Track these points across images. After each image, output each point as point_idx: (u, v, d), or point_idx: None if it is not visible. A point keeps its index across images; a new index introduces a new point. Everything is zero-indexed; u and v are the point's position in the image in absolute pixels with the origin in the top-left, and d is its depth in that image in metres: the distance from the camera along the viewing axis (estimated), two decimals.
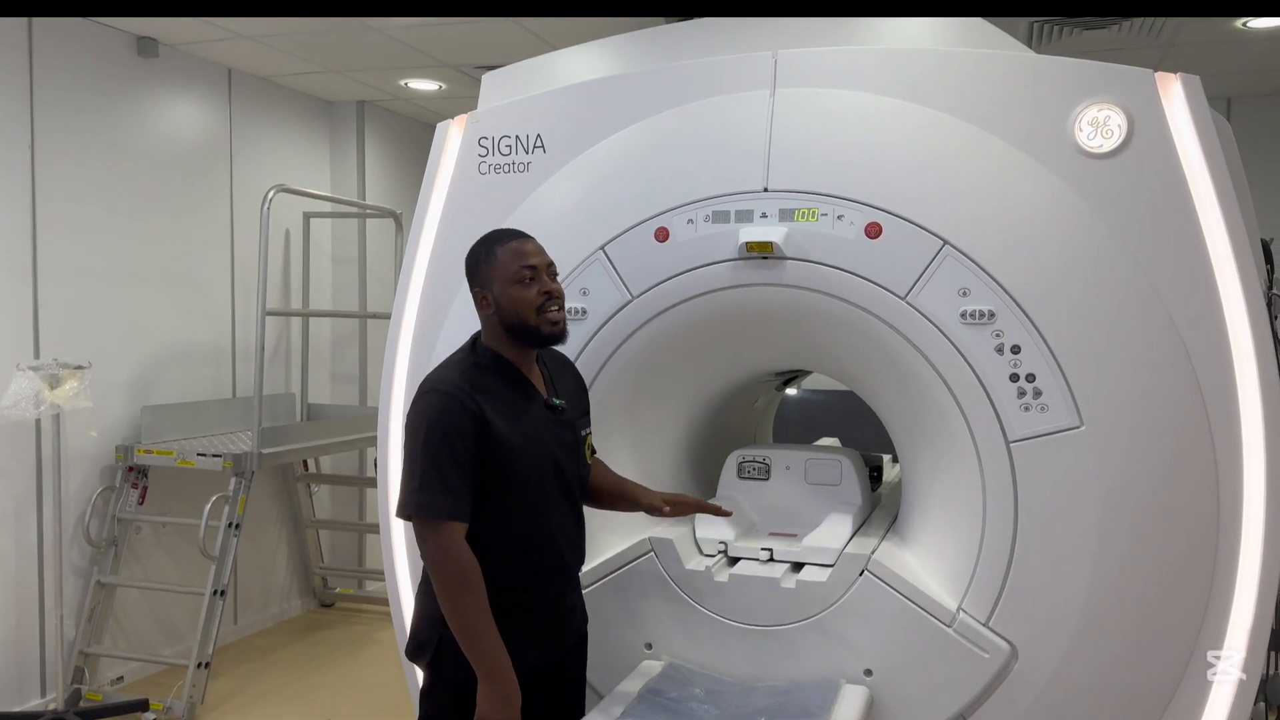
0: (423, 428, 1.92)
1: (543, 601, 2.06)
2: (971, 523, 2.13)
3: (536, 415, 2.04)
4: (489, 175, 2.51)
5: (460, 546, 1.89)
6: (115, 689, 4.16)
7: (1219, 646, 2.03)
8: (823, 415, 4.03)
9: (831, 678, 2.20)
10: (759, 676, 2.26)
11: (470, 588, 1.89)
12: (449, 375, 2.00)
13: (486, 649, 1.89)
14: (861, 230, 2.15)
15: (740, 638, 2.28)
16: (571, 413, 2.14)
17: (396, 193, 5.66)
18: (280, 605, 5.24)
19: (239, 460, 4.07)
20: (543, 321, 2.01)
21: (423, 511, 1.89)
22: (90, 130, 4.13)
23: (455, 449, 1.89)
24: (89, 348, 3.97)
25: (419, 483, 1.89)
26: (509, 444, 1.95)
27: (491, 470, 1.95)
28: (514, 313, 2.00)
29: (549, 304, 2.01)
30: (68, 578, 3.98)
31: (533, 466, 1.99)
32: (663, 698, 2.15)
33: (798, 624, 2.24)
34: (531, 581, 2.03)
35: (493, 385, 2.00)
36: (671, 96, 2.36)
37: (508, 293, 2.00)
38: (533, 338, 2.03)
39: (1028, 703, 2.07)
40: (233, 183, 4.86)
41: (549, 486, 2.04)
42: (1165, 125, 2.03)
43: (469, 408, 1.92)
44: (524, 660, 1.97)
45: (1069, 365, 2.03)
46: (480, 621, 1.89)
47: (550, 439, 2.05)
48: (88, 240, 4.12)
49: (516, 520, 1.99)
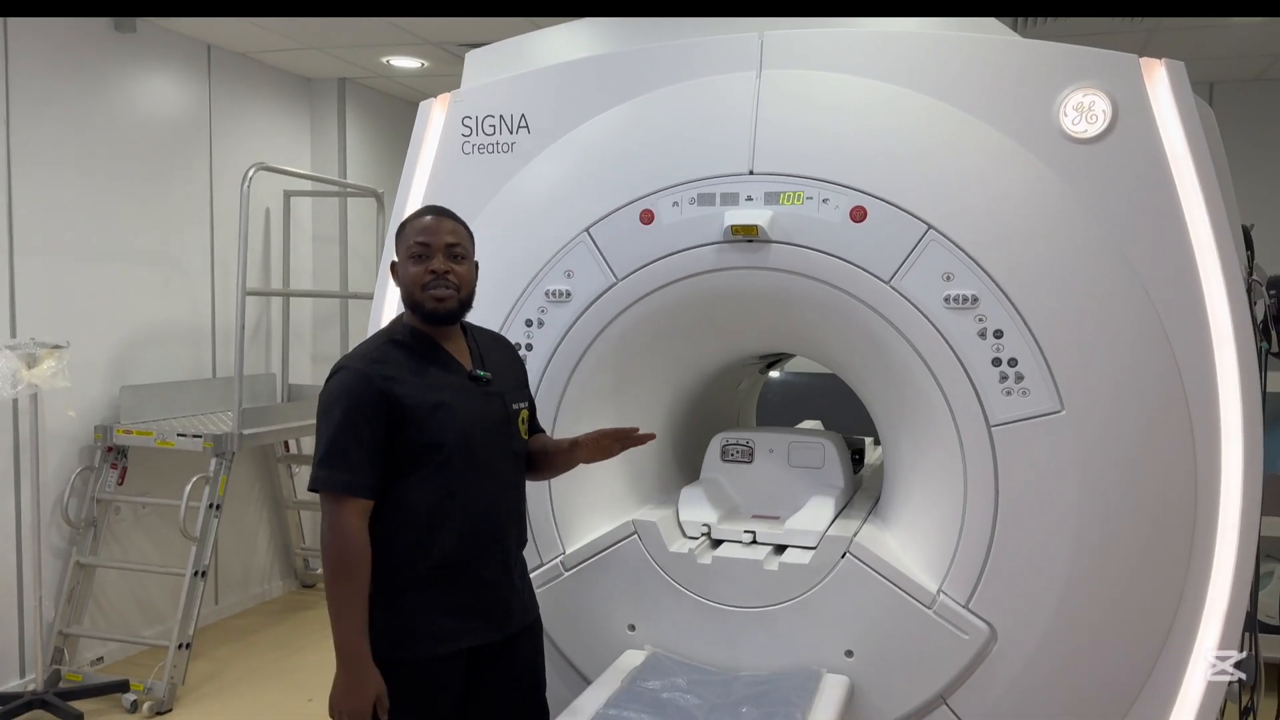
0: (329, 404, 1.95)
1: (475, 580, 2.02)
2: (952, 506, 2.14)
3: (455, 386, 2.03)
4: (472, 155, 2.49)
5: (349, 525, 1.90)
6: (95, 670, 4.15)
7: (1194, 628, 2.05)
8: (806, 399, 4.04)
9: (812, 667, 2.22)
10: (741, 657, 2.28)
11: (344, 569, 1.89)
12: (360, 351, 2.03)
13: (345, 634, 1.89)
14: (846, 214, 2.15)
15: (723, 619, 2.30)
16: (500, 385, 2.10)
17: (378, 172, 5.62)
18: (261, 586, 5.23)
19: (219, 441, 4.04)
20: (426, 298, 2.01)
21: (321, 485, 1.92)
22: (67, 107, 4.07)
23: (358, 425, 1.91)
24: (67, 327, 3.92)
25: (321, 457, 1.93)
26: (420, 415, 1.95)
27: (406, 443, 1.94)
28: (405, 287, 2.04)
29: (434, 282, 2.00)
30: (46, 558, 3.95)
31: (450, 437, 1.97)
32: (645, 688, 2.16)
33: (780, 605, 2.26)
34: (457, 557, 1.99)
35: (405, 359, 2.00)
36: (657, 77, 2.34)
37: (405, 268, 2.04)
38: (420, 313, 2.03)
39: (1006, 683, 2.10)
40: (212, 160, 4.81)
41: (474, 459, 2.00)
42: (1149, 111, 2.04)
43: (374, 383, 1.93)
44: (458, 642, 1.99)
45: (1051, 350, 2.04)
46: (346, 605, 1.89)
47: (474, 410, 2.03)
48: (65, 218, 4.07)
49: (436, 492, 1.97)
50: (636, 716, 2.02)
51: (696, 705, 2.09)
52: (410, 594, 1.97)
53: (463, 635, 2.01)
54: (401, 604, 1.97)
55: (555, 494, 2.41)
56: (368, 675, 1.90)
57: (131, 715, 3.78)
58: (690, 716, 2.04)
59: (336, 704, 1.91)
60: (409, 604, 1.97)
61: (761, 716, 2.02)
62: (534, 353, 2.40)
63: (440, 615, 1.98)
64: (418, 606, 1.98)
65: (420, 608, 1.98)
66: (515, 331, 2.40)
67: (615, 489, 2.51)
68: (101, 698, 3.86)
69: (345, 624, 1.90)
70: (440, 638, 1.99)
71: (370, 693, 1.90)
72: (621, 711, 2.04)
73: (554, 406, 2.40)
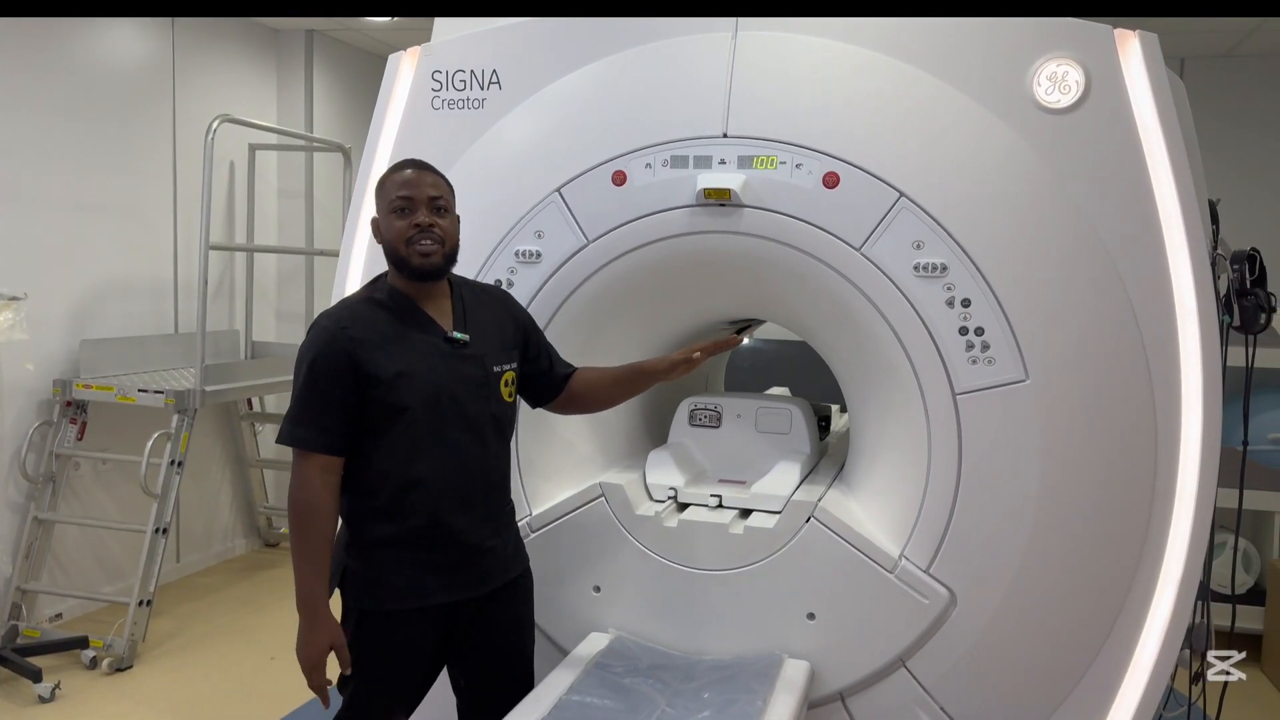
0: (299, 361, 1.97)
1: (447, 540, 2.01)
2: (916, 472, 2.16)
3: (429, 349, 2.01)
4: (442, 111, 2.45)
5: (311, 480, 1.92)
6: (54, 626, 4.11)
7: (1150, 595, 2.09)
8: (774, 365, 4.05)
9: (774, 652, 2.24)
10: (706, 620, 2.30)
11: (306, 523, 1.92)
12: (334, 309, 2.03)
13: (303, 586, 1.92)
14: (819, 180, 2.14)
15: (688, 582, 2.31)
16: (481, 347, 2.07)
17: (345, 126, 5.53)
18: (223, 544, 5.20)
19: (181, 397, 3.99)
20: (411, 253, 1.98)
21: (287, 440, 1.94)
22: (28, 57, 3.96)
23: (322, 382, 1.92)
24: (25, 278, 3.84)
25: (290, 412, 1.96)
26: (386, 378, 1.94)
27: (374, 404, 1.94)
28: (389, 243, 2.01)
29: (419, 236, 1.98)
30: (4, 514, 3.90)
31: (418, 400, 1.96)
32: (609, 672, 2.16)
33: (745, 568, 2.27)
34: (430, 517, 1.99)
35: (378, 318, 1.99)
36: (632, 35, 2.31)
37: (387, 222, 2.01)
38: (405, 269, 2.01)
39: (965, 647, 2.13)
40: (175, 111, 4.70)
41: (444, 422, 1.99)
42: (1122, 83, 2.04)
43: (338, 343, 1.93)
44: (428, 598, 2.01)
45: (1017, 319, 2.05)
46: (306, 558, 1.92)
47: (444, 372, 2.01)
48: (24, 168, 3.97)
49: (405, 453, 1.97)
50: (599, 702, 2.03)
51: (659, 690, 2.10)
52: (387, 549, 1.99)
53: (433, 592, 2.02)
54: (373, 556, 2.00)
55: (522, 456, 2.41)
56: (323, 626, 1.93)
57: (91, 671, 3.76)
58: (652, 702, 2.05)
59: (298, 654, 1.94)
60: (380, 557, 2.00)
61: (723, 702, 2.03)
62: None
63: (410, 570, 2.00)
64: (388, 560, 2.00)
65: (390, 561, 2.00)
66: None
67: (582, 452, 2.51)
68: (60, 654, 3.83)
69: (304, 576, 1.93)
70: (408, 593, 2.00)
71: (324, 643, 1.93)
72: (585, 697, 2.04)
73: None
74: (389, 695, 2.07)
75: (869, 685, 2.21)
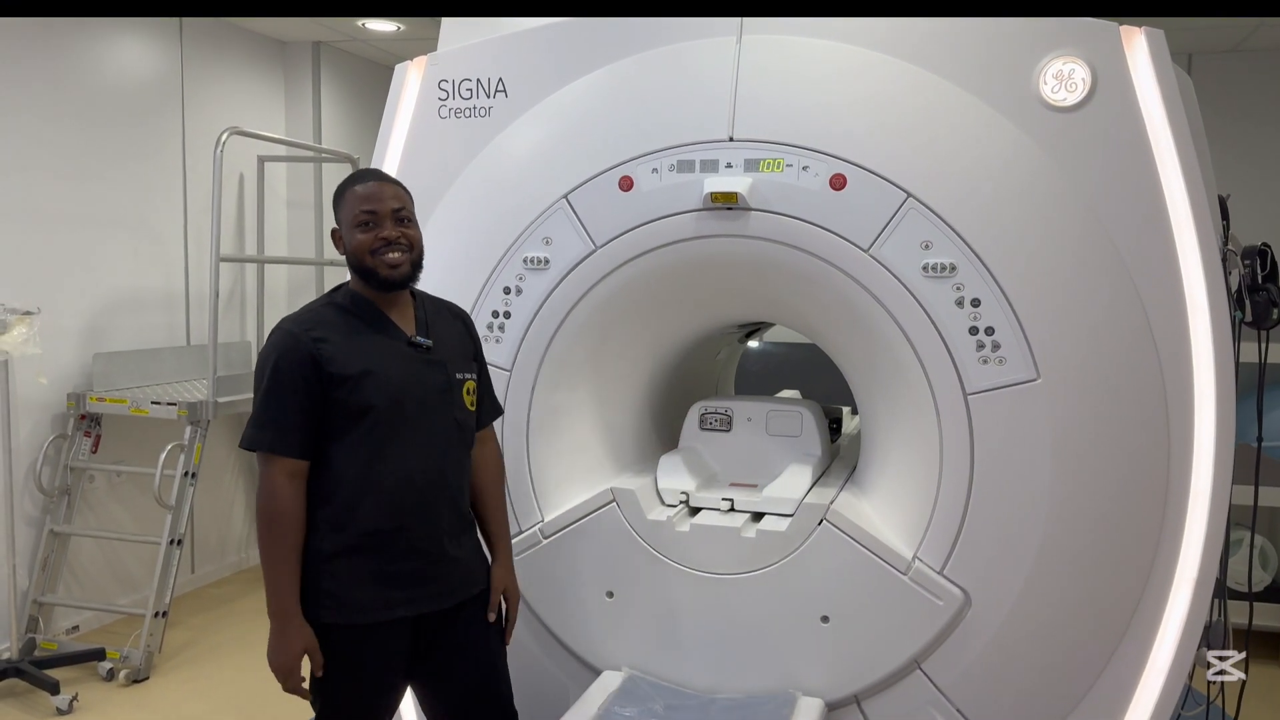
0: (261, 365, 1.97)
1: (408, 550, 1.98)
2: (928, 473, 2.15)
3: (392, 351, 2.01)
4: (449, 119, 2.46)
5: (279, 484, 1.92)
6: (70, 638, 4.13)
7: (1165, 594, 2.08)
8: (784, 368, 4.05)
9: (788, 690, 2.23)
10: (718, 624, 2.29)
11: (274, 527, 1.92)
12: (297, 313, 2.04)
13: (274, 590, 1.93)
14: (826, 181, 2.14)
15: (701, 586, 2.31)
16: (443, 354, 2.08)
17: (354, 137, 5.55)
18: (238, 554, 5.21)
19: (194, 409, 4.01)
20: (379, 264, 2.00)
21: (250, 444, 1.94)
22: (37, 70, 3.99)
23: (285, 385, 1.92)
24: (38, 293, 3.86)
25: (253, 416, 1.95)
26: (349, 377, 1.94)
27: (336, 404, 1.94)
28: (354, 255, 2.02)
29: (386, 249, 1.99)
30: (20, 527, 3.92)
31: (380, 400, 1.96)
32: (622, 715, 2.14)
33: (757, 572, 2.27)
34: (386, 524, 1.96)
35: (342, 322, 2.00)
36: (637, 41, 2.32)
37: (351, 235, 2.02)
38: (373, 280, 2.02)
39: (980, 648, 2.12)
40: (184, 125, 4.73)
41: (406, 424, 1.98)
42: (1128, 79, 2.03)
43: (302, 344, 1.93)
44: (393, 611, 1.98)
45: (1027, 318, 2.04)
46: (278, 562, 1.93)
47: (408, 376, 2.01)
48: (36, 184, 4.00)
49: (365, 456, 1.96)
50: None
51: None
52: (341, 559, 1.96)
53: (397, 605, 1.99)
54: (333, 569, 1.96)
55: (534, 462, 2.41)
56: (295, 632, 1.93)
57: (108, 683, 3.78)
58: None
59: (270, 661, 1.96)
60: (341, 569, 1.96)
61: None
62: (512, 321, 2.38)
63: (372, 583, 1.97)
64: (349, 573, 1.96)
65: (351, 574, 1.96)
66: (493, 299, 2.39)
67: (594, 457, 2.51)
68: (77, 666, 3.85)
69: (272, 582, 1.94)
70: (372, 607, 1.97)
71: (297, 649, 1.93)
72: None
73: (532, 375, 2.38)
74: (355, 713, 2.03)
75: (884, 688, 2.20)
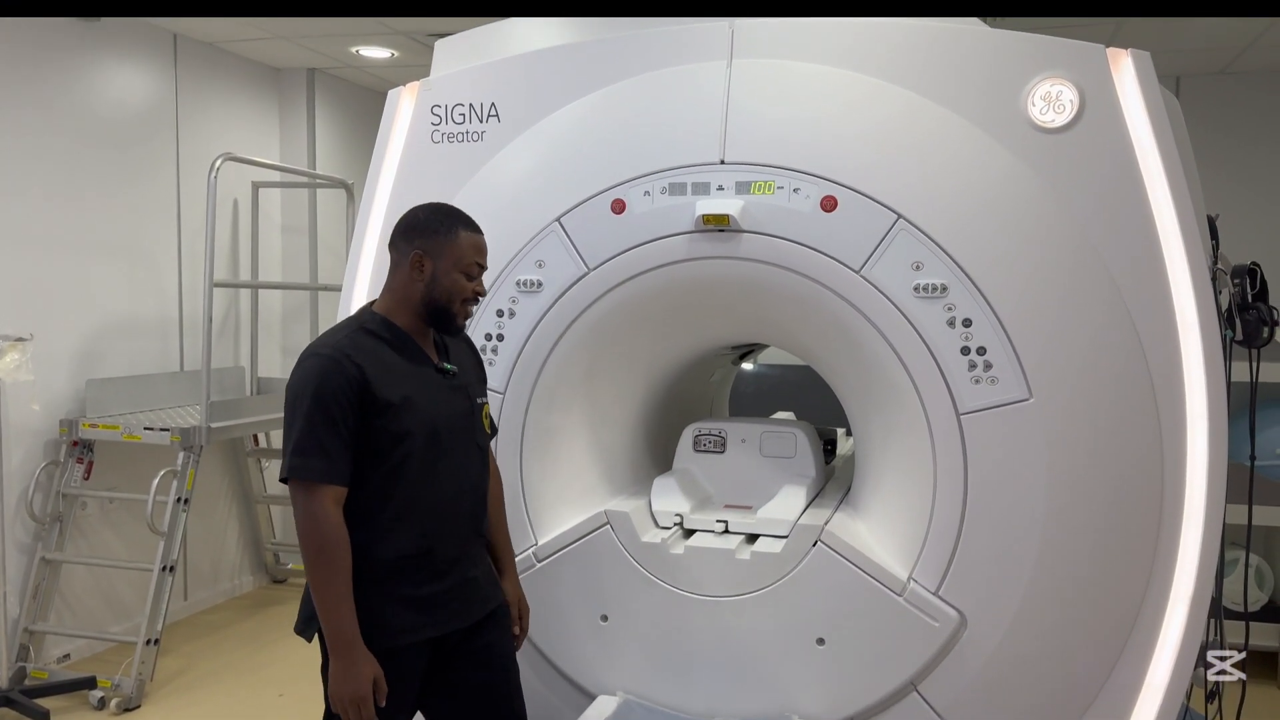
0: (301, 391, 1.92)
1: (437, 572, 2.01)
2: (922, 494, 2.15)
3: (425, 378, 2.03)
4: (442, 144, 2.47)
5: (327, 513, 1.88)
6: (62, 667, 4.09)
7: (1160, 614, 2.08)
8: (778, 390, 4.05)
9: (784, 714, 2.22)
10: (713, 646, 2.28)
11: (329, 557, 1.88)
12: (330, 339, 2.01)
13: (335, 622, 1.88)
14: (817, 203, 2.15)
15: (696, 609, 2.30)
16: (464, 379, 2.12)
17: (348, 162, 5.57)
18: (231, 581, 5.18)
19: (187, 435, 3.99)
20: (462, 312, 2.05)
21: (296, 474, 1.90)
22: (31, 96, 4.00)
23: (331, 412, 1.89)
24: (30, 319, 3.85)
25: (294, 445, 1.91)
26: (391, 404, 1.94)
27: (376, 432, 1.94)
28: (445, 295, 2.02)
29: (473, 303, 2.07)
30: (11, 554, 3.89)
31: (419, 428, 1.97)
32: None
33: (752, 594, 2.26)
34: (420, 546, 1.98)
35: (377, 348, 1.99)
36: (628, 66, 2.33)
37: (451, 275, 2.02)
38: (445, 322, 2.05)
39: (976, 669, 2.11)
40: (179, 151, 4.74)
41: (439, 450, 2.01)
42: (1116, 101, 2.05)
43: (347, 370, 1.91)
44: (420, 633, 1.99)
45: (1019, 338, 2.05)
46: (334, 593, 1.88)
47: (441, 402, 2.04)
48: (29, 209, 4.00)
49: (401, 482, 1.96)
50: None
51: None
52: (372, 585, 1.95)
53: (425, 626, 2.00)
54: (363, 594, 1.94)
55: (527, 485, 2.40)
56: (363, 659, 1.89)
57: (99, 712, 3.73)
58: None
59: (336, 693, 1.89)
60: (371, 595, 1.95)
61: None
62: (505, 343, 2.39)
63: (402, 607, 1.97)
64: (380, 597, 1.96)
65: (382, 599, 1.96)
66: (486, 322, 2.39)
67: (588, 480, 2.50)
68: (68, 695, 3.81)
69: (333, 612, 1.88)
70: (402, 630, 1.98)
71: (369, 675, 1.89)
72: None
73: (526, 397, 2.39)
74: None
75: (881, 710, 2.19)
